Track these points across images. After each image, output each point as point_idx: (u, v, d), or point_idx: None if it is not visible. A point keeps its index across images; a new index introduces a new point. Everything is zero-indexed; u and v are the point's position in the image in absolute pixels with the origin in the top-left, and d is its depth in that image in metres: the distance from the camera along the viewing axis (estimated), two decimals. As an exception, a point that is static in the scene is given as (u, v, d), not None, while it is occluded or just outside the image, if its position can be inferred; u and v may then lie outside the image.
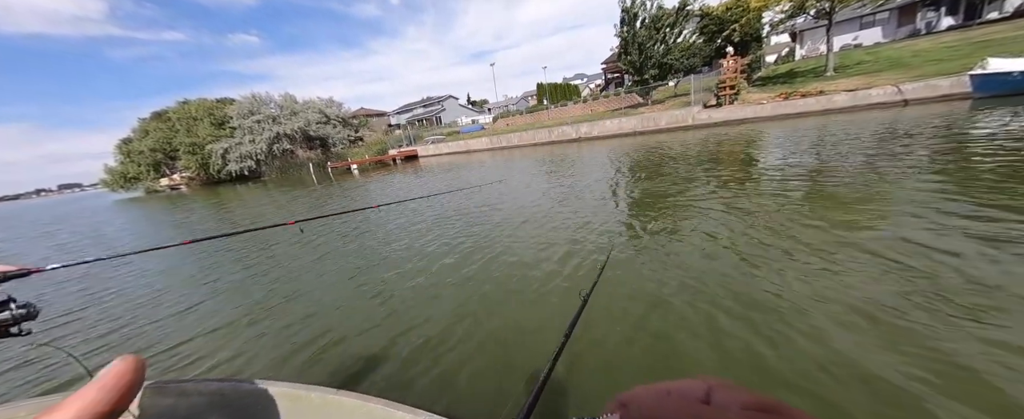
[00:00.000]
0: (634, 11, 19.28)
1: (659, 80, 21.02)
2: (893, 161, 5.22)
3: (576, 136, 20.07)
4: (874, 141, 6.83)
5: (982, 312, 1.93)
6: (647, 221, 4.35)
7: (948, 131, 6.70)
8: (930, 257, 2.54)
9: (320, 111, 34.79)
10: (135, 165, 39.36)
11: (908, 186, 4.08)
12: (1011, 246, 2.52)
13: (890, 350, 1.79)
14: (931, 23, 25.96)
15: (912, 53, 15.86)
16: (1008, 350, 1.68)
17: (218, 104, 37.25)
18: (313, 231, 6.39)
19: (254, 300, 3.76)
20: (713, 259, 3.05)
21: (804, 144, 7.75)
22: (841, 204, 3.85)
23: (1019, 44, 12.37)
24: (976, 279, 2.22)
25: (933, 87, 10.49)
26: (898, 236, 2.90)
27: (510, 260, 3.72)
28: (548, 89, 38.18)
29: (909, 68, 13.26)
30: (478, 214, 5.90)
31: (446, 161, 21.04)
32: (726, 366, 1.88)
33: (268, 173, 33.55)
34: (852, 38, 28.45)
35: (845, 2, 14.29)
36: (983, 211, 3.14)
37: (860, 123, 9.17)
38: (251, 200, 15.57)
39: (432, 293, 3.22)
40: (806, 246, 2.99)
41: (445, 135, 33.14)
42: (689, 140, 11.67)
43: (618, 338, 2.18)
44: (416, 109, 58.94)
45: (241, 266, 5.04)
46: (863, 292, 2.26)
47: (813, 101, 12.40)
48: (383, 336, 2.62)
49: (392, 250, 4.75)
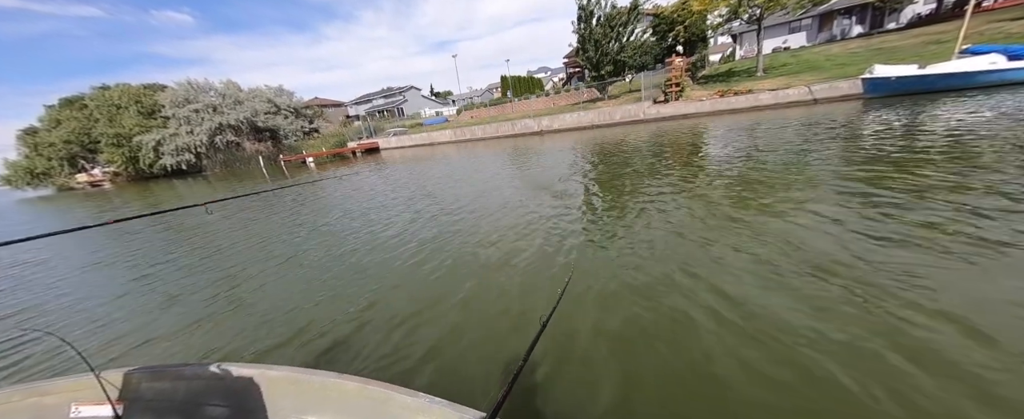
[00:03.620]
0: (590, 9, 20.09)
1: (614, 76, 22.14)
2: (799, 153, 6.26)
3: (538, 129, 20.69)
4: (790, 133, 8.02)
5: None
6: (605, 211, 4.95)
7: (837, 125, 8.03)
8: (832, 226, 3.31)
9: (268, 100, 32.61)
10: (44, 159, 34.49)
11: (807, 172, 5.01)
12: (867, 209, 3.36)
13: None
14: (845, 30, 29.45)
15: (825, 57, 18.13)
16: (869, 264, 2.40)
17: (146, 91, 33.48)
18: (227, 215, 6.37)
19: (221, 287, 3.87)
20: (660, 240, 3.67)
21: (726, 138, 8.87)
22: (767, 188, 4.67)
23: (904, 52, 14.69)
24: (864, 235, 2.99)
25: (836, 88, 12.26)
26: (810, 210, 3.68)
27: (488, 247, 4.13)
28: (512, 82, 38.43)
29: (821, 71, 15.23)
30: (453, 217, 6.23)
31: (410, 154, 20.79)
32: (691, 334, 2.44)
33: (211, 167, 30.99)
34: (782, 41, 31.54)
35: (770, 9, 15.97)
36: (850, 185, 4.05)
37: (780, 119, 10.55)
38: (191, 197, 14.52)
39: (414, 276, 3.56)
40: (730, 221, 3.70)
41: (408, 127, 32.42)
42: (640, 133, 12.69)
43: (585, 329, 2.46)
44: (376, 100, 56.67)
45: (190, 252, 5.00)
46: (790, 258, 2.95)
47: (743, 99, 13.93)
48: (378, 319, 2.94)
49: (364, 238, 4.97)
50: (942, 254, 2.53)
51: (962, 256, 2.46)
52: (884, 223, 3.09)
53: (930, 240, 2.73)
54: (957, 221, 2.95)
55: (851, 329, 1.98)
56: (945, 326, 1.90)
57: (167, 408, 1.07)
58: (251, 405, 1.03)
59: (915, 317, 1.99)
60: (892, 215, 3.22)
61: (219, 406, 1.05)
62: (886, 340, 1.86)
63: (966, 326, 1.88)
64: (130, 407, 1.07)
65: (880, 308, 2.10)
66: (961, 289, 2.16)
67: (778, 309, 2.21)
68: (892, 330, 1.93)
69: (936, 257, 2.50)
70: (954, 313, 1.97)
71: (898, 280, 2.32)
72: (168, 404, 1.08)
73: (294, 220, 6.67)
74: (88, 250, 6.20)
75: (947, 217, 3.04)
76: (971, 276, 2.27)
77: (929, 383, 1.61)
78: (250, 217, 7.37)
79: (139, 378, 1.12)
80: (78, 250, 6.27)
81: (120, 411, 1.05)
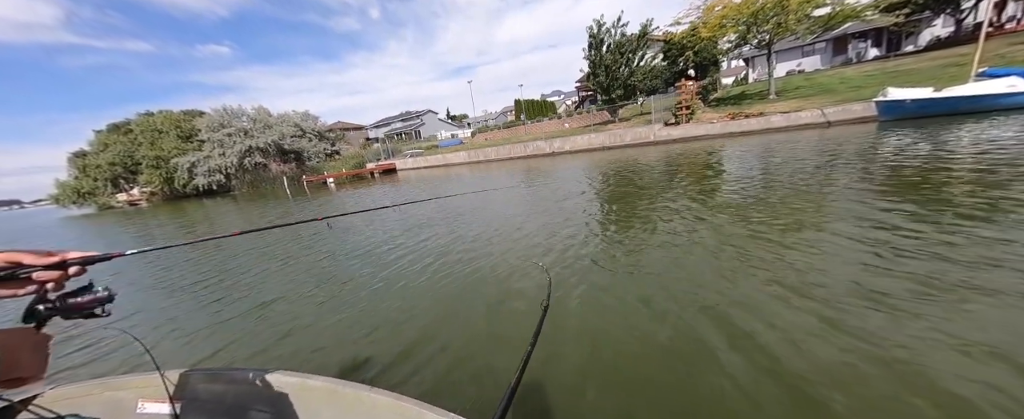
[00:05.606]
0: (600, 37, 20.87)
1: (625, 100, 22.59)
2: (813, 174, 6.27)
3: (550, 151, 21.10)
4: (804, 155, 8.00)
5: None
6: (607, 228, 5.08)
7: (842, 148, 7.96)
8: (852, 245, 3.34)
9: (295, 124, 34.57)
10: (90, 180, 37.18)
11: (821, 193, 5.04)
12: (884, 233, 3.38)
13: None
14: (860, 53, 29.30)
15: (839, 80, 18.06)
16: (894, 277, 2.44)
17: (185, 116, 36.15)
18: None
19: (262, 298, 4.14)
20: (669, 257, 3.77)
21: (738, 160, 8.88)
22: (780, 211, 4.71)
23: (921, 75, 14.52)
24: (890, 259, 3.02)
25: (849, 111, 12.17)
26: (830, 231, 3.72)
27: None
28: (525, 105, 39.57)
29: (834, 93, 15.17)
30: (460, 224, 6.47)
31: (425, 174, 21.46)
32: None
33: (239, 187, 32.69)
34: (796, 64, 31.59)
35: (779, 35, 16.21)
36: (873, 213, 4.06)
37: (792, 141, 10.52)
38: (218, 214, 15.35)
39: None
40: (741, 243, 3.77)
41: (424, 149, 33.59)
42: (651, 154, 12.80)
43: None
44: (395, 123, 59.13)
45: (204, 271, 5.34)
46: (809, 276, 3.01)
47: (755, 121, 13.95)
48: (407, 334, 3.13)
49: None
50: (971, 290, 2.39)
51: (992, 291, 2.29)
52: (901, 250, 3.10)
53: (949, 270, 2.67)
54: (979, 254, 2.91)
55: (870, 372, 1.95)
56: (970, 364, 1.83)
57: (218, 410, 1.15)
58: (291, 412, 1.08)
59: (920, 347, 2.01)
60: (907, 242, 3.22)
61: (263, 411, 1.11)
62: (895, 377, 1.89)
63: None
64: (187, 407, 1.17)
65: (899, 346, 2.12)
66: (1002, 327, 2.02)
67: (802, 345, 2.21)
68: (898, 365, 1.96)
69: (960, 292, 2.39)
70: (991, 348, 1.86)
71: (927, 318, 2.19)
72: (219, 406, 1.15)
73: (328, 247, 7.01)
74: (157, 266, 6.52)
75: (966, 249, 3.00)
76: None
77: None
78: (273, 242, 7.77)
79: (196, 379, 1.21)
80: (142, 266, 6.68)
81: (178, 410, 1.15)
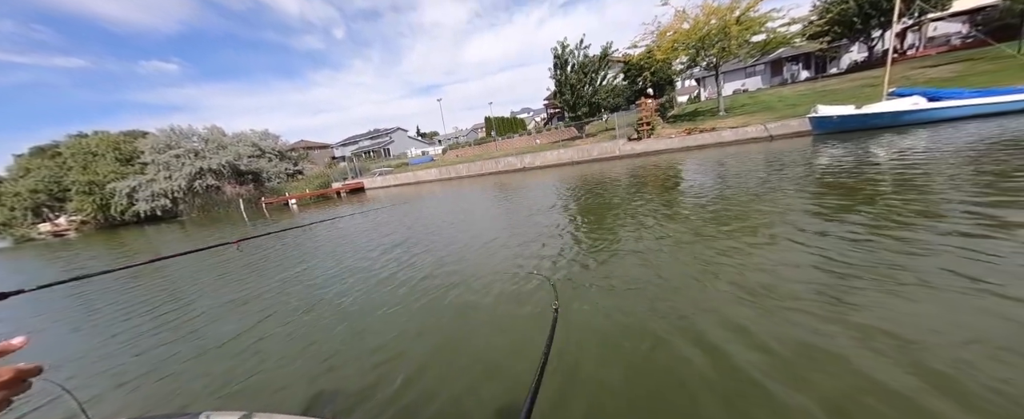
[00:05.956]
0: (565, 58, 21.90)
1: (590, 116, 23.62)
2: (762, 182, 6.82)
3: (521, 166, 21.45)
4: (754, 166, 8.70)
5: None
6: (583, 236, 5.21)
7: (785, 159, 8.80)
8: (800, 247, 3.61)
9: (253, 144, 32.88)
10: (6, 209, 32.91)
11: (772, 200, 5.47)
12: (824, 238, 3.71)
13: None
14: (794, 74, 32.78)
15: (778, 98, 20.02)
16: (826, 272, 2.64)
17: (126, 137, 33.25)
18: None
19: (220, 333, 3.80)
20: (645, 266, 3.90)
21: (695, 171, 9.53)
22: (733, 217, 5.04)
23: (844, 94, 16.45)
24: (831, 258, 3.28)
25: (788, 126, 13.49)
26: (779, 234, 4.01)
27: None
28: (495, 122, 40.22)
29: (774, 110, 16.76)
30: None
31: (395, 192, 21.00)
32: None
33: (187, 212, 30.23)
34: (740, 84, 34.71)
35: (724, 58, 17.83)
36: (818, 216, 4.45)
37: (742, 154, 11.43)
38: (161, 242, 14.08)
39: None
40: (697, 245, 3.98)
41: (393, 167, 32.98)
42: (618, 168, 13.38)
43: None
44: (362, 141, 57.83)
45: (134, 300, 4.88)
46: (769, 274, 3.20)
47: (708, 136, 15.07)
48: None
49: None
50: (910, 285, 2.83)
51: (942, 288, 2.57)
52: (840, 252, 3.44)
53: (882, 268, 3.05)
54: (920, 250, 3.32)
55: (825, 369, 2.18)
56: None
57: None
58: None
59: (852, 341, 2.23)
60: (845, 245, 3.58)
61: None
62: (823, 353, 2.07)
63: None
64: None
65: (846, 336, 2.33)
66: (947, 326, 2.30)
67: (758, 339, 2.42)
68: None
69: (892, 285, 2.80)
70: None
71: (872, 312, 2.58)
72: None
73: (282, 262, 6.60)
74: (88, 302, 5.87)
75: (893, 242, 3.41)
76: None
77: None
78: (218, 261, 7.24)
79: None
80: (69, 302, 5.97)
81: None
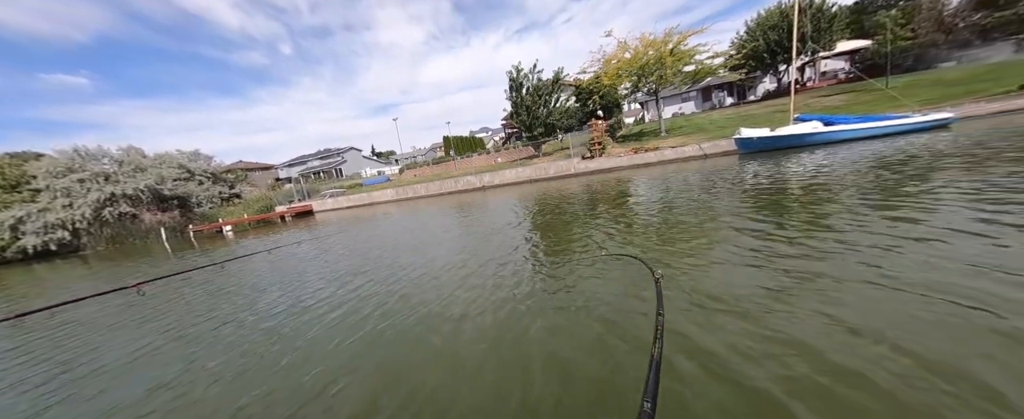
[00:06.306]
0: (520, 81, 22.87)
1: (546, 136, 24.65)
2: (702, 195, 7.53)
3: (480, 185, 21.60)
4: (693, 181, 9.60)
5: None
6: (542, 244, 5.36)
7: (717, 175, 9.88)
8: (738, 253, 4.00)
9: (180, 166, 29.58)
10: None
11: (711, 210, 6.05)
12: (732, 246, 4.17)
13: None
14: (721, 101, 36.98)
15: (709, 121, 22.46)
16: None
17: (12, 161, 28.24)
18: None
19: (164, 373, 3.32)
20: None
21: (645, 186, 10.33)
22: (683, 228, 5.48)
23: (761, 119, 18.89)
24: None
25: (719, 146, 15.17)
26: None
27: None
28: (454, 141, 40.25)
29: (707, 132, 18.77)
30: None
31: (348, 215, 20.01)
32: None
33: (93, 244, 25.71)
34: (678, 108, 38.37)
35: (663, 85, 19.79)
36: (749, 223, 5.00)
37: (682, 171, 12.59)
38: (54, 284, 12.06)
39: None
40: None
41: (346, 187, 31.51)
42: (573, 185, 14.03)
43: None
44: (312, 161, 54.83)
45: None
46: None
47: (653, 155, 16.43)
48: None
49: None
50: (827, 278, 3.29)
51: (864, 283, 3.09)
52: (765, 256, 3.92)
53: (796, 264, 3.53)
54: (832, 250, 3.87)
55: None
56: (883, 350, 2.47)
57: None
58: None
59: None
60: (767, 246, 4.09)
61: None
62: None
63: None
64: None
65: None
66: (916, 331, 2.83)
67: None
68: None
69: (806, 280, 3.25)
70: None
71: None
72: None
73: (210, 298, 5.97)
74: None
75: (806, 243, 3.96)
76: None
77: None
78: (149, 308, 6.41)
79: None
80: None
81: None
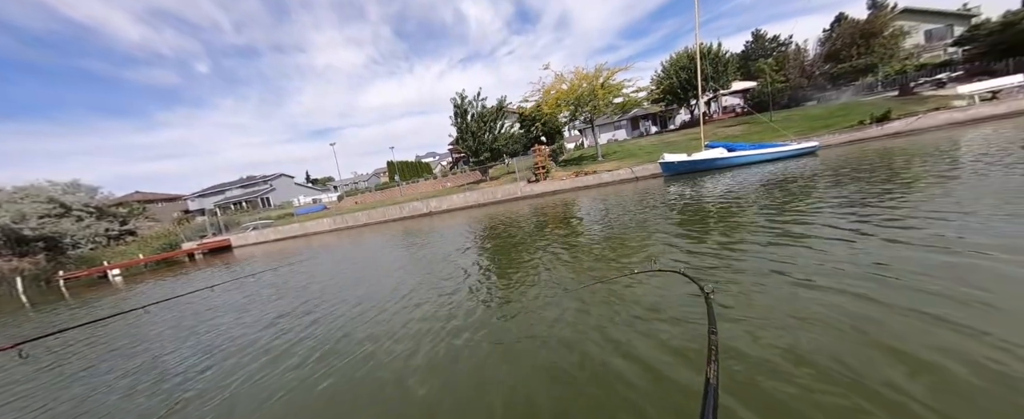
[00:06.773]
0: (464, 107, 23.40)
1: (492, 161, 25.20)
2: (637, 213, 8.20)
3: (428, 211, 21.13)
4: (628, 201, 10.44)
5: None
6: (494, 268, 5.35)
7: (649, 196, 10.97)
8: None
9: (50, 199, 24.10)
10: None
11: (645, 226, 6.59)
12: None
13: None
14: (647, 129, 41.37)
15: (638, 147, 24.94)
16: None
17: None
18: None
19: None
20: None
21: (588, 207, 11.02)
22: (621, 243, 5.86)
23: (680, 145, 21.49)
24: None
25: (647, 169, 16.90)
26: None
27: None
28: (399, 166, 39.04)
29: (637, 157, 20.80)
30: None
31: (276, 248, 18.05)
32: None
33: (-87, 299, 19.85)
34: (612, 135, 42.00)
35: (597, 114, 21.68)
36: (677, 236, 5.52)
37: (619, 192, 13.70)
38: None
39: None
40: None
41: (274, 218, 28.55)
42: (521, 208, 14.41)
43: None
44: (232, 190, 49.09)
45: None
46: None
47: (592, 178, 17.69)
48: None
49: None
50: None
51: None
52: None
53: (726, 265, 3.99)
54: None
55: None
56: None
57: None
58: None
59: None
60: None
61: None
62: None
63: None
64: None
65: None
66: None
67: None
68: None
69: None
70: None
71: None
72: None
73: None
74: None
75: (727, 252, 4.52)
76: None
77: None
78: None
79: None
80: None
81: None
